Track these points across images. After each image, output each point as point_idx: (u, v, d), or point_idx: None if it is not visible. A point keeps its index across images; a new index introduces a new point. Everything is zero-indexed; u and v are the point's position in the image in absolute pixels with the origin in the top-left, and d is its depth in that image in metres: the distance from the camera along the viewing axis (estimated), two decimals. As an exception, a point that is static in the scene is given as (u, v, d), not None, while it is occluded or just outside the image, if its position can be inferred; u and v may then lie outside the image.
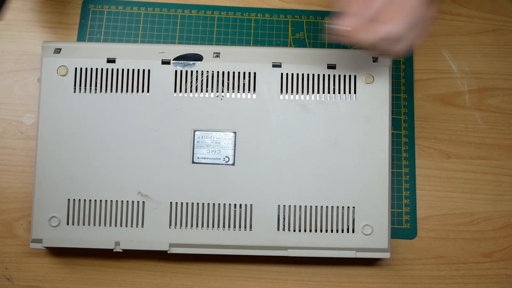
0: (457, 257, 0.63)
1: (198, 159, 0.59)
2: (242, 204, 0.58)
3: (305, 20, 0.70)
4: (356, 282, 0.62)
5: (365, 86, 0.60)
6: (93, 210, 0.58)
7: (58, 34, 0.68)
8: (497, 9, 0.70)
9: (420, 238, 0.64)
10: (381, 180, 0.59)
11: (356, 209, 0.58)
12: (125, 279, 0.62)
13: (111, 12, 0.69)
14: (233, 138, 0.59)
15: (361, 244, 0.58)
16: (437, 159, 0.66)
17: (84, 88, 0.59)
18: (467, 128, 0.67)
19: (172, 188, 0.58)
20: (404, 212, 0.64)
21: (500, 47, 0.69)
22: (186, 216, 0.58)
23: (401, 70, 0.68)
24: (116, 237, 0.58)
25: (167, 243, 0.58)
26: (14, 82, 0.66)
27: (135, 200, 0.58)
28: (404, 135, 0.66)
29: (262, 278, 0.62)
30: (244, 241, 0.58)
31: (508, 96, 0.68)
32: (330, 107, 0.59)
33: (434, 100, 0.67)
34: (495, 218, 0.64)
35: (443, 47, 0.69)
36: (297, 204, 0.58)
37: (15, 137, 0.65)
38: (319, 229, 0.58)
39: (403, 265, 0.63)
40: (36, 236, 0.58)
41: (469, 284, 0.63)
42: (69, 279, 0.62)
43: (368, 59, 0.60)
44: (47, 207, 0.58)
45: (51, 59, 0.59)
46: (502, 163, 0.66)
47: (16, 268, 0.62)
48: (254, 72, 0.60)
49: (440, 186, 0.65)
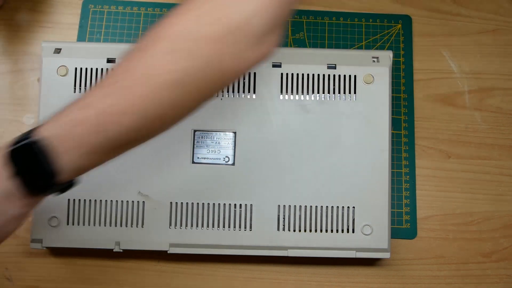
0: (457, 257, 0.63)
1: (198, 159, 0.59)
2: (242, 204, 0.58)
3: (305, 20, 0.70)
4: (356, 282, 0.62)
5: (365, 86, 0.60)
6: (93, 210, 0.58)
7: (58, 34, 0.68)
8: (497, 9, 0.70)
9: (420, 238, 0.64)
10: (381, 180, 0.59)
11: (356, 209, 0.58)
12: (125, 279, 0.62)
13: (111, 12, 0.69)
14: (233, 138, 0.59)
15: (361, 244, 0.58)
16: (437, 159, 0.66)
17: (84, 88, 0.59)
18: (467, 128, 0.67)
19: (172, 188, 0.58)
20: (404, 212, 0.64)
21: (500, 47, 0.69)
22: (186, 216, 0.58)
23: (401, 70, 0.68)
24: (116, 237, 0.58)
25: (167, 243, 0.58)
26: (14, 82, 0.66)
27: (135, 200, 0.58)
28: (404, 135, 0.66)
29: (262, 278, 0.62)
30: (244, 241, 0.58)
31: (508, 96, 0.68)
32: (330, 107, 0.59)
33: (434, 100, 0.67)
34: (495, 218, 0.64)
35: (443, 47, 0.69)
36: (297, 204, 0.58)
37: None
38: (319, 229, 0.58)
39: (403, 265, 0.63)
40: (36, 236, 0.58)
41: (469, 284, 0.63)
42: (69, 279, 0.62)
43: (368, 59, 0.60)
44: (47, 207, 0.58)
45: (51, 59, 0.59)
46: (502, 163, 0.66)
47: (16, 268, 0.62)
48: (254, 72, 0.60)
49: (440, 186, 0.65)
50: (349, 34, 0.69)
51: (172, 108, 0.40)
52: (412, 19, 0.70)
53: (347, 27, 0.69)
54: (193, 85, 0.39)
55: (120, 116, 0.38)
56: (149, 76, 0.38)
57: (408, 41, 0.69)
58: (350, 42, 0.69)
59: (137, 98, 0.38)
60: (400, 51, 0.69)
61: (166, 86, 0.38)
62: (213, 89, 0.41)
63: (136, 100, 0.38)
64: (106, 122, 0.38)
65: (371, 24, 0.69)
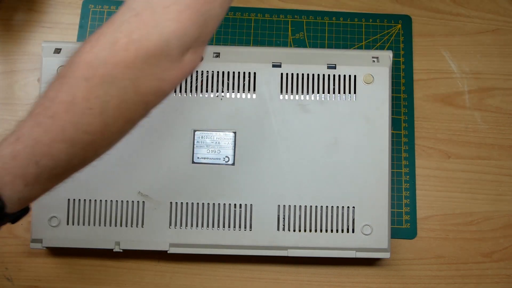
0: (457, 257, 0.63)
1: (198, 159, 0.59)
2: (242, 204, 0.58)
3: (305, 20, 0.70)
4: (356, 282, 0.62)
5: (365, 86, 0.60)
6: (93, 210, 0.58)
7: (58, 34, 0.68)
8: (497, 9, 0.70)
9: (420, 238, 0.64)
10: (381, 180, 0.59)
11: (356, 209, 0.58)
12: (125, 279, 0.62)
13: (111, 12, 0.69)
14: (233, 138, 0.59)
15: (361, 244, 0.58)
16: (437, 159, 0.66)
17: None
18: (467, 128, 0.67)
19: (172, 188, 0.58)
20: (404, 212, 0.64)
21: (500, 47, 0.69)
22: (186, 216, 0.58)
23: (401, 70, 0.68)
24: (116, 237, 0.58)
25: (167, 243, 0.58)
26: (14, 82, 0.66)
27: (135, 200, 0.58)
28: (404, 135, 0.66)
29: (262, 278, 0.62)
30: (244, 241, 0.58)
31: (508, 96, 0.68)
32: (330, 107, 0.59)
33: (434, 100, 0.67)
34: (495, 218, 0.64)
35: (443, 47, 0.69)
36: (297, 204, 0.58)
37: (15, 137, 0.65)
38: (319, 229, 0.58)
39: (403, 265, 0.63)
40: (36, 236, 0.58)
41: (469, 284, 0.63)
42: (69, 279, 0.62)
43: (368, 59, 0.60)
44: (47, 207, 0.58)
45: (51, 59, 0.59)
46: (502, 163, 0.66)
47: (16, 268, 0.62)
48: (254, 72, 0.60)
49: (440, 186, 0.65)
50: (349, 34, 0.69)
51: (100, 135, 0.39)
52: (412, 19, 0.70)
53: (347, 27, 0.69)
54: (115, 111, 0.39)
55: (49, 146, 0.38)
56: (70, 104, 0.38)
57: (408, 41, 0.69)
58: (350, 42, 0.69)
59: (62, 127, 0.38)
60: (400, 51, 0.69)
61: (88, 113, 0.38)
62: (137, 112, 0.41)
63: (61, 129, 0.38)
64: (36, 154, 0.38)
65: (371, 24, 0.69)
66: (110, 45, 0.38)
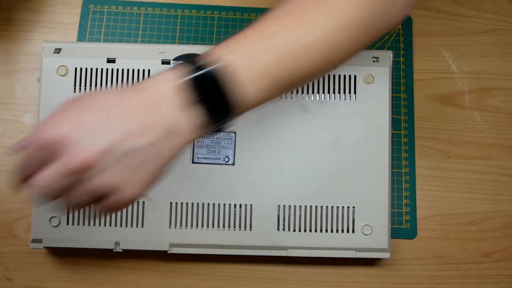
0: (457, 257, 0.63)
1: (198, 159, 0.59)
2: (242, 204, 0.58)
3: (305, 20, 0.69)
4: (356, 282, 0.62)
5: (365, 86, 0.60)
6: (92, 210, 0.58)
7: (58, 34, 0.68)
8: (497, 9, 0.70)
9: (420, 238, 0.64)
10: (381, 180, 0.59)
11: (356, 209, 0.58)
12: (125, 279, 0.62)
13: (111, 12, 0.69)
14: (233, 138, 0.59)
15: (361, 244, 0.58)
16: (437, 159, 0.66)
17: (84, 88, 0.59)
18: (467, 128, 0.67)
19: (172, 188, 0.58)
20: (404, 212, 0.64)
21: (500, 47, 0.69)
22: (186, 216, 0.58)
23: (401, 70, 0.68)
24: (116, 237, 0.58)
25: (167, 243, 0.58)
26: (14, 82, 0.66)
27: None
28: (404, 135, 0.66)
29: (262, 278, 0.62)
30: (244, 241, 0.58)
31: (508, 96, 0.68)
32: (330, 107, 0.59)
33: (434, 100, 0.67)
34: (495, 218, 0.64)
35: (443, 47, 0.69)
36: (297, 204, 0.58)
37: (15, 137, 0.64)
38: (319, 229, 0.58)
39: (403, 265, 0.63)
40: (36, 236, 0.58)
41: (469, 284, 0.63)
42: (69, 279, 0.62)
43: (368, 59, 0.60)
44: (47, 207, 0.58)
45: (51, 59, 0.59)
46: (502, 163, 0.66)
47: (16, 268, 0.62)
48: (254, 72, 0.60)
49: (440, 186, 0.65)
50: (349, 34, 0.69)
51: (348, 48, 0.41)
52: (412, 19, 0.70)
53: (347, 27, 0.69)
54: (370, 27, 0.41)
55: (308, 50, 0.38)
56: (333, 16, 0.39)
57: (408, 41, 0.69)
58: (350, 42, 0.69)
59: (322, 35, 0.39)
60: (400, 51, 0.69)
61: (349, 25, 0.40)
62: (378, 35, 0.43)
63: (321, 37, 0.39)
64: (296, 54, 0.38)
65: (371, 24, 0.69)
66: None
